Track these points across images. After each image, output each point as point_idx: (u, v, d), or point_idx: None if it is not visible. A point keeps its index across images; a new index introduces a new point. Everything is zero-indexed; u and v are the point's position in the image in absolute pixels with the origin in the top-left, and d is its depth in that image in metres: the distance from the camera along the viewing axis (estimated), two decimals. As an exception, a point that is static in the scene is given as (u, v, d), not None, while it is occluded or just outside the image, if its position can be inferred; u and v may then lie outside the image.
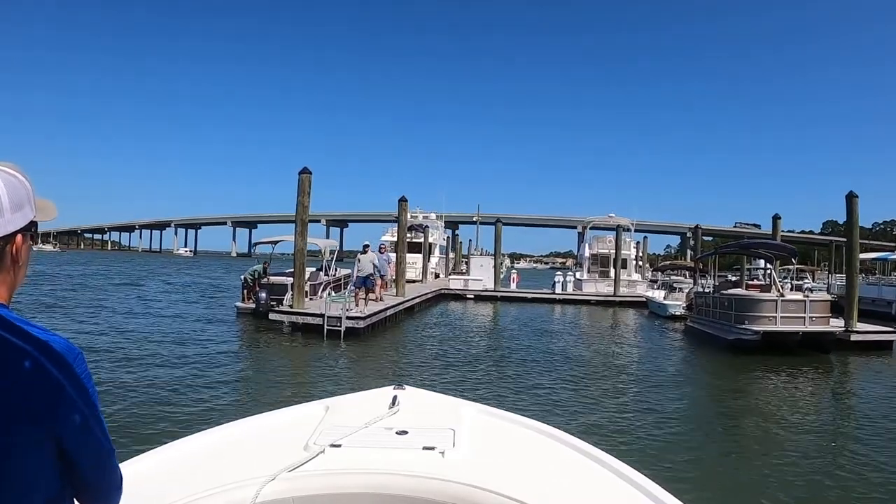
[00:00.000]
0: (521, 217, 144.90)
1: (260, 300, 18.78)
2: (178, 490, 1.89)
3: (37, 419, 1.07)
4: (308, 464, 2.05)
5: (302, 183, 16.94)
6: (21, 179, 1.15)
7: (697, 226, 36.83)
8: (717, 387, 13.05)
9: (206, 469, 2.09)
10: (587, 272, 39.53)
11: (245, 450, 2.28)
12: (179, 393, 9.64)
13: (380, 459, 2.10)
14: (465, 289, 35.08)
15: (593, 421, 8.93)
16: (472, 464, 2.10)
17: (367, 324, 16.28)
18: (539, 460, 2.26)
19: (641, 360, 15.52)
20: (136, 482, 1.81)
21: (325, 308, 15.90)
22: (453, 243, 65.21)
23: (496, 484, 1.93)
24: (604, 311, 30.74)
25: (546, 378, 12.41)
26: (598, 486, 2.05)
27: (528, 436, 2.52)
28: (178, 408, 8.68)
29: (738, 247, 22.74)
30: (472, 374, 12.24)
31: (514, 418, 2.73)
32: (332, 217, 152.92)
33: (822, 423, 9.85)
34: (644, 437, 8.25)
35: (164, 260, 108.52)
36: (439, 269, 48.48)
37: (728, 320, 17.19)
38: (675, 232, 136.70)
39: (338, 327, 15.58)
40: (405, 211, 23.58)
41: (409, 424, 2.42)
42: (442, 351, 15.24)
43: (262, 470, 1.98)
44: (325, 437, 2.25)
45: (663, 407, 10.22)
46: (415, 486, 1.96)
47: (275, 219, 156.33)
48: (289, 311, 16.88)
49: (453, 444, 2.24)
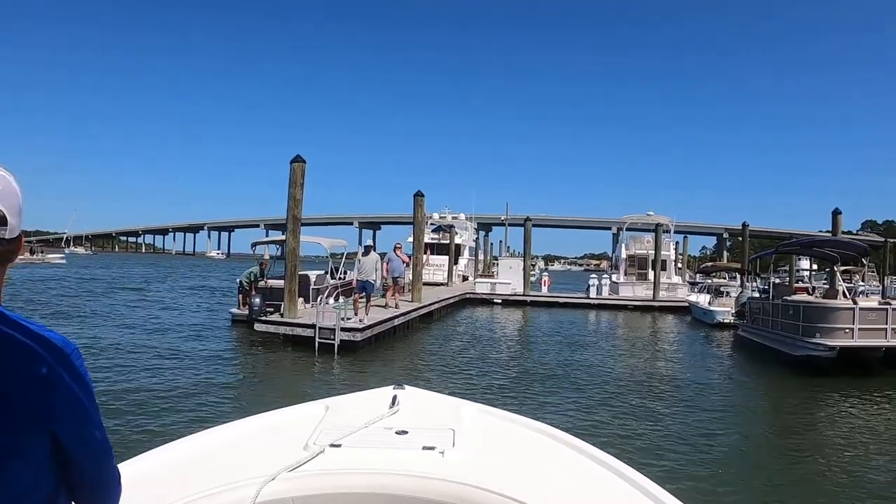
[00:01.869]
0: (553, 218, 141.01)
1: (254, 306, 16.56)
2: (178, 490, 1.88)
3: (36, 415, 1.07)
4: (308, 464, 2.04)
5: (294, 174, 14.74)
6: (8, 185, 1.15)
7: (745, 223, 33.43)
8: (781, 415, 10.63)
9: (206, 469, 2.08)
10: (624, 275, 36.68)
11: (245, 450, 2.27)
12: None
13: (380, 459, 2.09)
14: (492, 293, 32.52)
15: (630, 452, 6.99)
16: (471, 464, 2.09)
17: (366, 336, 13.99)
18: (539, 460, 2.27)
19: (688, 379, 12.96)
20: (136, 482, 1.83)
21: (316, 317, 13.67)
22: (483, 245, 62.95)
23: (496, 484, 1.93)
24: (642, 318, 28.02)
25: (577, 402, 10.20)
26: (598, 486, 2.05)
27: (528, 436, 2.51)
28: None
29: (800, 245, 19.88)
30: (486, 399, 9.88)
31: (514, 418, 2.73)
32: (365, 219, 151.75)
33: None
34: (694, 476, 6.65)
35: (194, 262, 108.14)
36: (468, 272, 46.40)
37: (793, 332, 14.51)
38: (710, 233, 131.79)
39: (331, 340, 13.35)
40: (421, 207, 21.13)
41: (409, 424, 2.42)
42: (454, 369, 12.90)
43: (262, 470, 1.97)
44: (325, 436, 2.25)
45: (716, 440, 8.25)
46: (415, 485, 1.96)
47: (307, 221, 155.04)
48: (276, 321, 14.65)
49: (453, 444, 2.23)
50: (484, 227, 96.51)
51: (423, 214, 21.45)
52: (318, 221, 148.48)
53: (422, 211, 21.14)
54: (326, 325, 13.45)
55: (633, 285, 34.89)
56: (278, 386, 11.11)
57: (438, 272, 41.38)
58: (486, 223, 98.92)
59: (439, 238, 46.14)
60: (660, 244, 32.59)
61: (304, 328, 13.90)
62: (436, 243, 46.45)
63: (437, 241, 46.42)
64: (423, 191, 20.88)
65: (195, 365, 12.15)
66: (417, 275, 21.20)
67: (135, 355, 12.76)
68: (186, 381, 10.68)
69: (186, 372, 11.41)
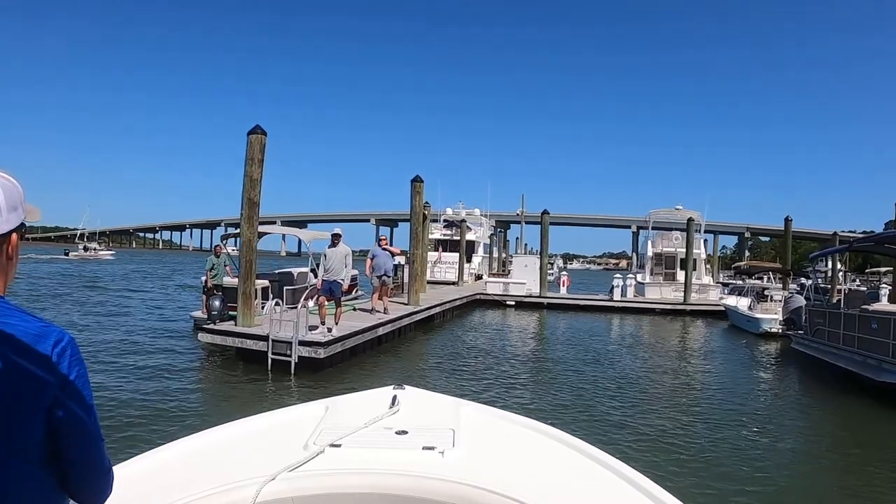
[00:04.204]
0: (571, 216, 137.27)
1: (213, 310, 13.68)
2: (179, 490, 1.88)
3: (34, 403, 1.12)
4: (308, 464, 2.04)
5: (250, 147, 11.86)
6: (14, 183, 1.26)
7: (788, 218, 29.26)
8: (870, 462, 7.57)
9: (206, 469, 2.07)
10: (650, 274, 33.43)
11: (245, 450, 2.27)
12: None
13: (379, 459, 2.09)
14: (505, 294, 29.28)
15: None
16: (471, 464, 2.09)
17: (334, 351, 11.05)
18: (539, 460, 2.25)
19: (749, 411, 9.97)
20: (136, 482, 1.91)
21: (270, 327, 10.80)
22: (498, 242, 59.79)
23: (496, 484, 1.93)
24: (671, 324, 24.78)
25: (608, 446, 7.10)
26: (598, 486, 2.05)
27: (528, 436, 2.50)
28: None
29: (874, 241, 16.61)
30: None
31: (513, 418, 2.71)
32: (382, 216, 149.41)
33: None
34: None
35: (206, 257, 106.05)
36: (482, 271, 43.54)
37: (879, 351, 11.36)
38: (731, 232, 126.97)
39: (287, 356, 10.48)
40: (419, 194, 18.06)
41: (409, 424, 2.41)
42: (448, 395, 9.95)
43: (263, 470, 1.98)
44: (325, 436, 2.24)
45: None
46: (415, 485, 1.96)
47: (325, 218, 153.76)
48: (223, 330, 11.71)
49: (453, 443, 2.23)
50: (502, 224, 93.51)
51: (422, 202, 18.38)
52: (334, 219, 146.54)
53: (420, 199, 18.07)
54: (281, 338, 10.58)
55: (660, 286, 31.67)
56: (203, 418, 8.25)
57: (451, 270, 38.52)
58: (504, 221, 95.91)
59: (452, 234, 43.22)
60: (692, 241, 29.30)
61: (256, 340, 11.01)
62: (448, 240, 43.56)
63: (450, 237, 43.52)
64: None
65: (121, 384, 9.51)
66: (414, 273, 18.20)
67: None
68: (101, 403, 7.84)
69: (104, 392, 8.69)
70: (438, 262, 41.28)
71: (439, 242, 44.20)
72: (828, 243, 42.58)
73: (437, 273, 39.82)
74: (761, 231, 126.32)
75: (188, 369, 11.28)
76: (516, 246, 60.25)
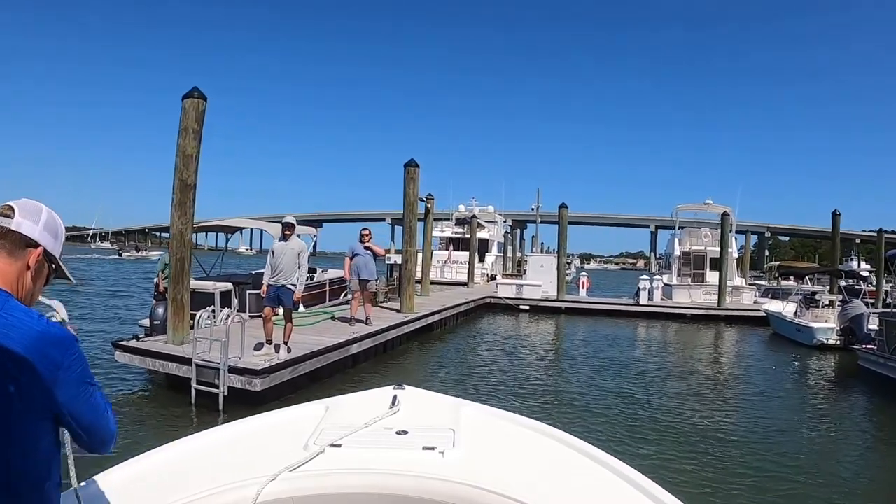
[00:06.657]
0: (589, 215, 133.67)
1: (156, 319, 11.04)
2: (179, 490, 1.87)
3: (42, 393, 1.26)
4: (308, 464, 2.02)
5: (185, 114, 9.15)
6: (58, 220, 1.47)
7: (836, 212, 25.81)
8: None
9: (207, 469, 2.06)
10: (677, 276, 30.45)
11: (245, 450, 2.24)
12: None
13: (380, 459, 2.06)
14: (518, 297, 26.36)
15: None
16: (472, 464, 2.06)
17: (276, 380, 8.17)
18: (539, 460, 2.22)
19: (815, 454, 7.23)
20: (136, 482, 1.93)
21: (194, 347, 8.14)
22: (513, 241, 56.98)
23: (496, 484, 1.90)
24: (705, 333, 21.76)
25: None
26: (598, 486, 2.02)
27: (528, 436, 2.46)
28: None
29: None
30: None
31: (513, 418, 2.67)
32: (397, 215, 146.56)
33: None
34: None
35: (226, 258, 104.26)
36: (496, 271, 40.93)
37: None
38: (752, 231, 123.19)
39: (215, 387, 7.82)
40: (413, 181, 15.25)
41: (409, 424, 2.38)
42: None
43: (263, 470, 1.96)
44: (325, 436, 2.22)
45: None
46: (415, 485, 1.94)
47: (342, 217, 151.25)
48: (141, 348, 8.84)
49: (453, 444, 2.20)
50: (518, 224, 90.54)
51: (417, 191, 15.59)
52: (349, 218, 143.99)
53: (415, 186, 15.25)
54: (207, 363, 7.91)
55: (689, 288, 28.68)
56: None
57: (462, 270, 35.89)
58: (521, 220, 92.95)
59: (464, 232, 40.53)
60: (727, 239, 26.29)
61: (179, 364, 8.32)
62: (460, 238, 40.92)
63: (462, 235, 40.86)
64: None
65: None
66: (408, 274, 15.47)
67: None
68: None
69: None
70: (448, 261, 38.76)
71: (450, 241, 41.65)
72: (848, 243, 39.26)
73: (448, 273, 37.32)
74: (780, 230, 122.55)
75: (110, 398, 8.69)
76: (532, 244, 57.49)
